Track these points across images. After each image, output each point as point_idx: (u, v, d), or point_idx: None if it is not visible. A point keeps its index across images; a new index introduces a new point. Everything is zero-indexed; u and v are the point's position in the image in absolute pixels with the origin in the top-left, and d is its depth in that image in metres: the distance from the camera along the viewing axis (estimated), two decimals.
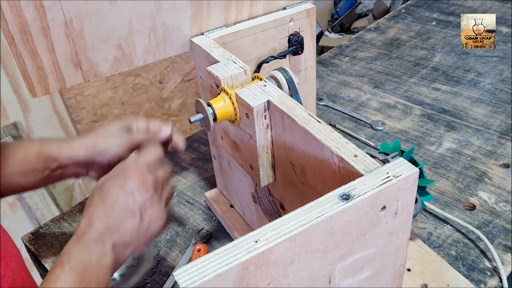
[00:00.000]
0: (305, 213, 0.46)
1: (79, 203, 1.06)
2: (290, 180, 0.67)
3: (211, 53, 0.75)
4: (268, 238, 0.44)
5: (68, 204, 1.91)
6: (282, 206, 0.75)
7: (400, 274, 0.60)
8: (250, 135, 0.67)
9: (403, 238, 0.55)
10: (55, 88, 0.73)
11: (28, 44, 0.67)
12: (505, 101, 1.23)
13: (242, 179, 0.85)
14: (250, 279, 0.44)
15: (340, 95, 1.33)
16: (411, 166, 0.50)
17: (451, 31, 1.58)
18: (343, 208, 0.46)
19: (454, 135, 1.13)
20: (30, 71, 0.69)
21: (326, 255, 0.49)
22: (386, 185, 0.48)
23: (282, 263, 0.45)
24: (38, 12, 0.65)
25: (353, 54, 1.53)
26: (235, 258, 0.42)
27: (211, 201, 0.99)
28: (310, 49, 0.90)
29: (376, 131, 1.18)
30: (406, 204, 0.52)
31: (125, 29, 0.74)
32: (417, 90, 1.31)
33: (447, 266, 0.82)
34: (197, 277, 0.41)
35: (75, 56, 0.72)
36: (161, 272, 0.88)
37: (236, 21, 0.84)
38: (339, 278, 0.52)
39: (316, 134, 0.56)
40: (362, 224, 0.49)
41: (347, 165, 0.53)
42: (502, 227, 0.89)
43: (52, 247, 0.95)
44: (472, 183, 1.00)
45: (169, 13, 0.76)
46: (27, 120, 1.83)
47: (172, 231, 0.96)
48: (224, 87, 0.67)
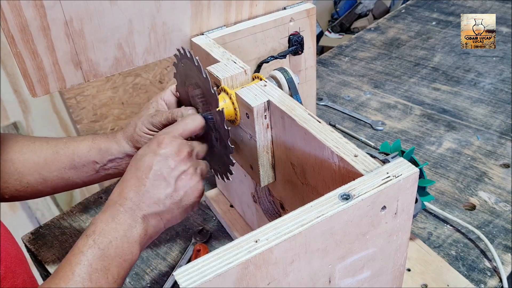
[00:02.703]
0: (305, 213, 0.46)
1: (79, 203, 1.06)
2: (290, 180, 0.67)
3: (211, 53, 0.75)
4: (268, 238, 0.44)
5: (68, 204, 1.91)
6: (282, 206, 0.75)
7: (400, 274, 0.60)
8: (250, 135, 0.67)
9: (403, 238, 0.55)
10: (55, 88, 0.73)
11: (28, 44, 0.67)
12: (505, 101, 1.23)
13: (242, 179, 0.85)
14: (250, 279, 0.44)
15: (340, 95, 1.33)
16: (411, 166, 0.50)
17: (451, 31, 1.58)
18: (343, 208, 0.46)
19: (454, 135, 1.13)
20: (30, 71, 0.69)
21: (326, 255, 0.49)
22: (386, 185, 0.48)
23: (282, 263, 0.45)
24: (38, 12, 0.65)
25: (353, 54, 1.53)
26: (235, 258, 0.42)
27: (211, 201, 0.99)
28: (310, 49, 0.90)
29: (376, 131, 1.18)
30: (406, 204, 0.52)
31: (125, 29, 0.74)
32: (417, 90, 1.31)
33: (447, 266, 0.82)
34: (197, 277, 0.41)
35: (75, 56, 0.72)
36: (161, 272, 0.88)
37: (236, 21, 0.84)
38: (339, 278, 0.52)
39: (316, 134, 0.56)
40: (362, 224, 0.49)
41: (347, 165, 0.53)
42: (502, 227, 0.89)
43: (52, 247, 0.95)
44: (472, 183, 1.00)
45: (169, 13, 0.76)
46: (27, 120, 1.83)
47: (172, 231, 0.96)
48: (224, 87, 0.67)
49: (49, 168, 0.74)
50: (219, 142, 0.66)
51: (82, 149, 0.74)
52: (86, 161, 0.73)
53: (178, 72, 0.71)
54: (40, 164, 0.74)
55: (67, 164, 0.74)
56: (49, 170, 0.74)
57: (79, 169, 0.74)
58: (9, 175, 0.74)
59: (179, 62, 0.70)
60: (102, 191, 1.07)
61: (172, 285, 0.85)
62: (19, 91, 1.71)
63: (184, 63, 0.68)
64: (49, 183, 0.75)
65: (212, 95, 0.63)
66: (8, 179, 0.74)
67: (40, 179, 0.74)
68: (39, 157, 0.74)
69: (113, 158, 0.73)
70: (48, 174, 0.74)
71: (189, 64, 0.66)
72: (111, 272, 0.54)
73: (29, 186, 0.75)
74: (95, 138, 0.74)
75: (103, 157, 0.73)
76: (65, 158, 0.74)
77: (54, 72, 0.71)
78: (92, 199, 1.05)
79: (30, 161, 0.74)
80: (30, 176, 0.74)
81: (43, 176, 0.74)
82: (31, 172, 0.74)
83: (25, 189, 0.75)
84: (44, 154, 0.74)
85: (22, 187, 0.74)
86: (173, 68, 0.73)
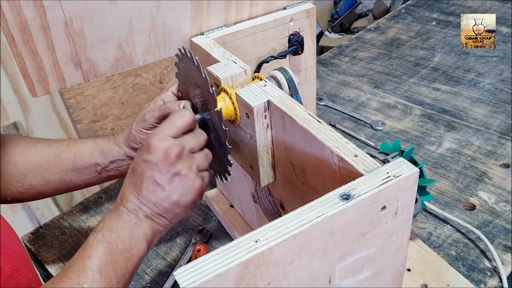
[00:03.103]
0: (305, 213, 0.46)
1: (79, 203, 1.06)
2: (290, 180, 0.67)
3: (212, 53, 0.75)
4: (268, 238, 0.44)
5: (68, 204, 1.91)
6: (282, 206, 0.75)
7: (400, 274, 0.60)
8: (250, 135, 0.67)
9: (403, 238, 0.55)
10: (55, 88, 0.73)
11: (28, 44, 0.67)
12: (505, 101, 1.23)
13: (242, 179, 0.85)
14: (250, 278, 0.44)
15: (340, 95, 1.33)
16: (411, 166, 0.50)
17: (451, 31, 1.58)
18: (343, 208, 0.46)
19: (454, 135, 1.13)
20: (30, 71, 0.69)
21: (326, 255, 0.49)
22: (386, 185, 0.48)
23: (282, 263, 0.45)
24: (38, 12, 0.65)
25: (353, 54, 1.53)
26: (235, 258, 0.42)
27: (211, 201, 0.99)
28: (310, 49, 0.90)
29: (376, 131, 1.18)
30: (406, 204, 0.52)
31: (125, 29, 0.74)
32: (417, 90, 1.31)
33: (447, 266, 0.82)
34: (197, 277, 0.41)
35: (75, 56, 0.72)
36: (161, 272, 0.88)
37: (236, 21, 0.84)
38: (339, 278, 0.52)
39: (316, 134, 0.56)
40: (362, 224, 0.49)
41: (347, 165, 0.53)
42: (502, 227, 0.89)
43: (52, 247, 0.95)
44: (472, 183, 1.00)
45: (169, 13, 0.76)
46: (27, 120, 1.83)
47: (172, 231, 0.96)
48: (224, 87, 0.67)
49: (51, 171, 0.74)
50: (217, 142, 0.66)
51: (84, 151, 0.74)
52: (88, 163, 0.74)
53: (179, 72, 0.71)
54: (42, 167, 0.74)
55: (70, 166, 0.74)
56: (51, 173, 0.75)
57: (81, 171, 0.74)
58: (11, 177, 0.74)
59: (180, 62, 0.70)
60: (102, 191, 1.07)
61: (172, 285, 0.85)
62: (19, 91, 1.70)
63: (185, 62, 0.68)
64: (51, 185, 0.75)
65: (210, 95, 0.63)
66: (10, 181, 0.74)
67: (42, 181, 0.75)
68: (41, 160, 0.75)
69: (115, 159, 0.74)
70: (50, 177, 0.75)
71: (190, 64, 0.66)
72: (119, 266, 0.55)
73: (32, 188, 0.75)
74: (96, 140, 0.75)
75: (105, 159, 0.74)
76: (67, 161, 0.74)
77: (54, 72, 0.71)
78: (92, 199, 1.05)
79: (32, 163, 0.74)
80: (32, 178, 0.74)
81: (45, 178, 0.75)
82: (33, 174, 0.74)
83: (27, 191, 0.75)
84: (46, 157, 0.75)
85: (24, 189, 0.75)
86: (174, 68, 0.73)
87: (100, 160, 0.74)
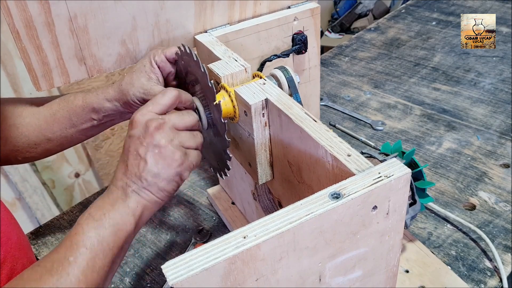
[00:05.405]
0: (294, 211, 0.47)
1: (79, 203, 1.07)
2: (287, 179, 0.67)
3: (213, 50, 0.75)
4: (256, 234, 0.45)
5: (68, 204, 1.91)
6: (281, 204, 0.75)
7: (394, 274, 0.60)
8: (249, 133, 0.67)
9: (395, 239, 0.55)
10: (59, 83, 0.74)
11: (33, 39, 0.68)
12: (505, 101, 1.22)
13: (243, 177, 0.86)
14: (237, 274, 0.44)
15: (340, 95, 1.33)
16: (403, 166, 0.50)
17: (451, 31, 1.57)
18: (332, 206, 0.47)
19: (454, 135, 1.13)
20: (35, 66, 0.71)
21: (315, 253, 0.49)
22: (377, 185, 0.49)
23: (270, 259, 0.46)
24: (43, 8, 0.66)
25: (353, 54, 1.53)
26: (222, 253, 0.43)
27: (213, 198, 1.00)
28: (314, 48, 0.90)
29: (376, 131, 1.17)
30: (398, 205, 0.52)
31: (129, 25, 0.75)
32: (417, 90, 1.31)
33: (445, 269, 0.82)
34: (184, 271, 0.42)
35: (79, 52, 0.73)
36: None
37: (240, 19, 0.84)
38: (330, 277, 0.53)
39: (311, 132, 0.56)
40: (352, 223, 0.50)
41: (340, 164, 0.53)
42: (502, 227, 0.89)
43: (52, 247, 0.95)
44: (472, 183, 0.99)
45: (173, 10, 0.77)
46: None
47: (172, 231, 0.97)
48: (224, 84, 0.68)
49: (51, 129, 0.78)
50: (216, 137, 0.67)
51: (76, 109, 0.76)
52: (84, 119, 0.77)
53: (179, 71, 0.72)
54: (42, 126, 0.78)
55: (67, 124, 0.77)
56: (51, 131, 0.78)
57: (79, 126, 0.77)
58: (16, 139, 0.78)
59: (180, 60, 0.70)
60: (102, 191, 1.08)
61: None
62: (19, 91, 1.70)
63: (185, 60, 0.69)
64: (54, 142, 0.79)
65: (209, 88, 0.63)
66: (16, 142, 0.78)
67: (45, 140, 0.79)
68: (39, 120, 0.78)
69: (107, 114, 0.76)
70: (52, 135, 0.78)
71: (189, 61, 0.67)
72: (106, 240, 0.57)
73: (37, 147, 0.79)
74: (85, 97, 0.76)
75: (98, 114, 0.76)
76: (63, 119, 0.77)
77: (58, 67, 0.73)
78: (92, 199, 1.05)
79: (32, 124, 0.78)
80: (35, 138, 0.78)
81: (47, 137, 0.78)
82: (35, 134, 0.78)
83: (34, 150, 0.79)
84: (43, 116, 0.78)
85: (31, 148, 0.79)
86: None
87: (94, 116, 0.76)
